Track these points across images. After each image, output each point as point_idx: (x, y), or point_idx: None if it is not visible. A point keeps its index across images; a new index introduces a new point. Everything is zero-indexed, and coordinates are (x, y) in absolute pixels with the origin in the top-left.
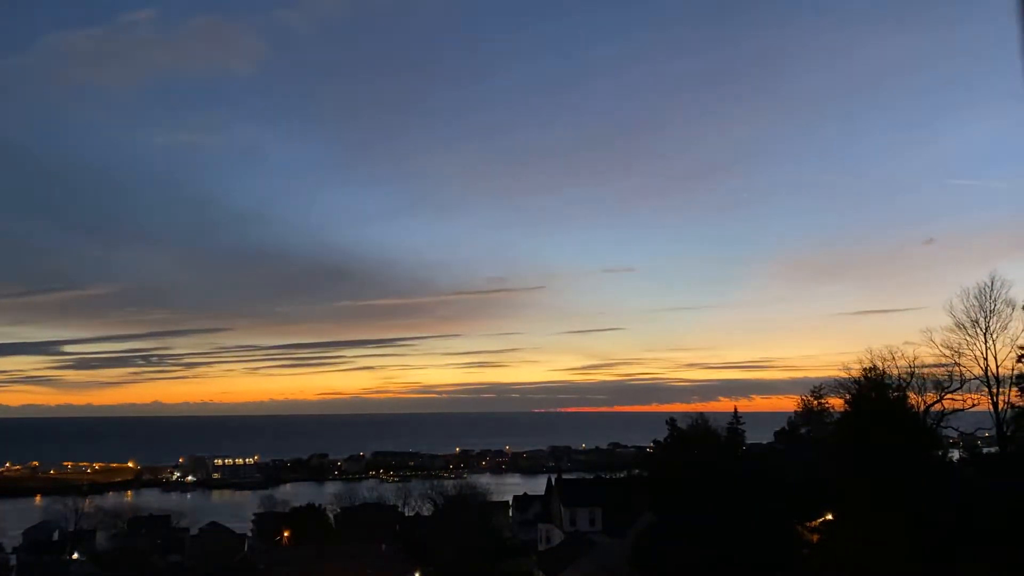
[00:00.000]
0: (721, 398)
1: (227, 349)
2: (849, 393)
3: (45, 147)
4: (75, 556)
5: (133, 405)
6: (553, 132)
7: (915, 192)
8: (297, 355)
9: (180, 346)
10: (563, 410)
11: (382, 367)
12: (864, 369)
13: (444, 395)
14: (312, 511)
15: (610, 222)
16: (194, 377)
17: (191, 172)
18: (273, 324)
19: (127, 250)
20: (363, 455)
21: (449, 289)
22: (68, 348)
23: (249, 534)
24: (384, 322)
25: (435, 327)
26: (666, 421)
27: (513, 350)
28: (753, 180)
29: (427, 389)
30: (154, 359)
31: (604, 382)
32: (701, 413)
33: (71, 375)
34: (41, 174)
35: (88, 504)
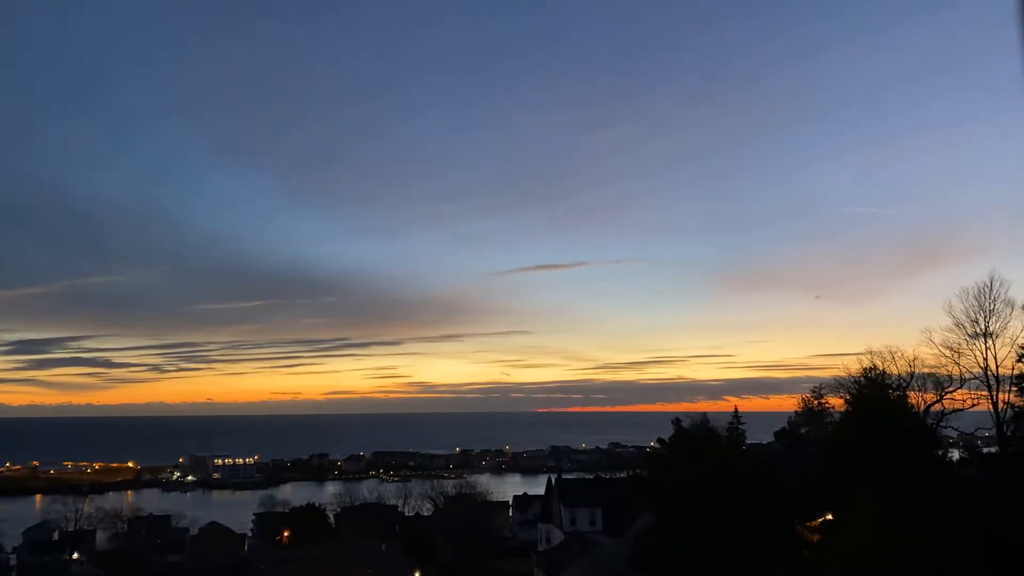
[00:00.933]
0: (727, 397)
1: (221, 352)
2: (849, 393)
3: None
4: (75, 556)
5: (136, 405)
6: (486, 167)
7: (810, 217)
8: (280, 355)
9: (176, 350)
10: (562, 410)
11: (364, 368)
12: (864, 369)
13: (447, 395)
14: (312, 511)
15: (541, 242)
16: (190, 377)
17: (160, 201)
18: (254, 328)
19: (115, 264)
20: (363, 455)
21: (409, 298)
22: (65, 348)
23: (249, 534)
24: (358, 326)
25: (411, 331)
26: (671, 420)
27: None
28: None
29: (426, 388)
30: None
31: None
32: (703, 413)
33: (70, 377)
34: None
35: (88, 504)
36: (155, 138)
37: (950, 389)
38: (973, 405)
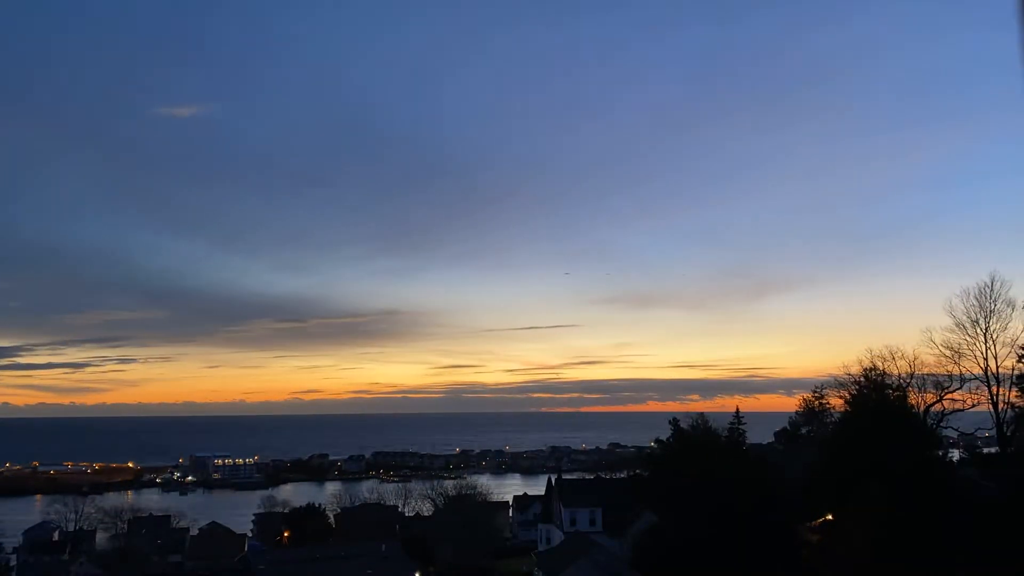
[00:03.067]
0: (720, 396)
1: (221, 355)
2: (849, 393)
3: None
4: (75, 556)
5: (141, 404)
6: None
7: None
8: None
9: (177, 354)
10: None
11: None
12: (864, 369)
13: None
14: (312, 511)
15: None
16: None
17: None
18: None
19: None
20: (363, 455)
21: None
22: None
23: (249, 534)
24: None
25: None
26: (669, 421)
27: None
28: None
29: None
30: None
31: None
32: (702, 413)
33: (72, 379)
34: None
35: (88, 504)
36: (127, 203)
37: (950, 389)
38: (973, 405)
